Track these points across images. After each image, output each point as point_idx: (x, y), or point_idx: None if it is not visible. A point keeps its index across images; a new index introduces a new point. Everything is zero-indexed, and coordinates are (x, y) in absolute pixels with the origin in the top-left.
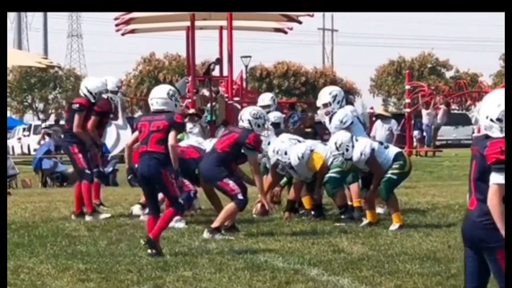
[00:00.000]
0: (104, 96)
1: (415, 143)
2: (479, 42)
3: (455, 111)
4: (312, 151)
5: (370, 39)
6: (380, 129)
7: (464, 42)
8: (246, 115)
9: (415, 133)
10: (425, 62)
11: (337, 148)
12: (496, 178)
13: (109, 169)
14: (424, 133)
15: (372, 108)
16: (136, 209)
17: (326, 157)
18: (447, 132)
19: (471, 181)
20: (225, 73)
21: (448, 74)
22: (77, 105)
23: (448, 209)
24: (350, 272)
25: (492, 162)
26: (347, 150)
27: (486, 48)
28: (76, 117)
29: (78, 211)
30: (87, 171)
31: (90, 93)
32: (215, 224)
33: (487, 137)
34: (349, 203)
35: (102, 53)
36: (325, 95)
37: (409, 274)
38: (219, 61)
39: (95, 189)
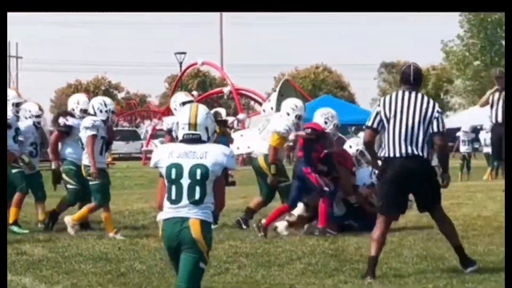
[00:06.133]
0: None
1: None
2: (148, 66)
3: (126, 128)
4: None
5: (51, 64)
6: None
7: (135, 66)
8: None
9: None
10: (100, 85)
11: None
12: None
13: None
14: None
15: None
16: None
17: None
18: (119, 146)
19: None
20: None
21: (120, 95)
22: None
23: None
24: None
25: None
26: None
27: (153, 71)
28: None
29: None
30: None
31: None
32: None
33: None
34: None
35: None
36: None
37: None
38: None
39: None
